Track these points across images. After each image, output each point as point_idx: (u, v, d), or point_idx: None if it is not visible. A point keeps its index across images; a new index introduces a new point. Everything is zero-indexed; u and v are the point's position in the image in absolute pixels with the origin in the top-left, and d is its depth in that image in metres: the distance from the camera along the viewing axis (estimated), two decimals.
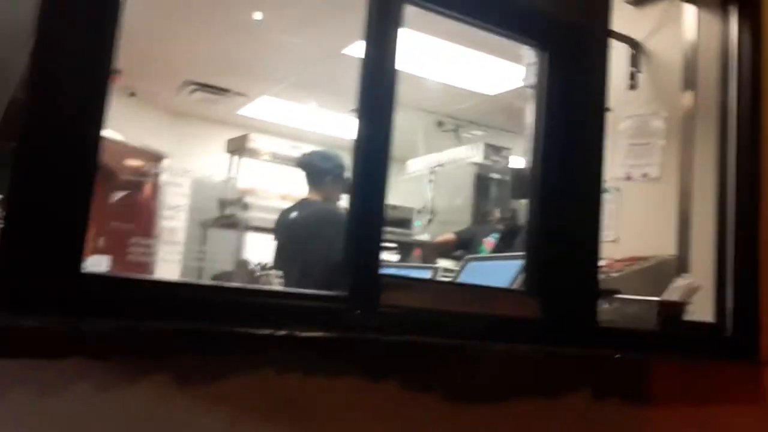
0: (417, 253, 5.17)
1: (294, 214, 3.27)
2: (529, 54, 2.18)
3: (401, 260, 5.06)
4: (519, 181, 2.85)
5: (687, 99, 2.61)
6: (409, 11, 1.70)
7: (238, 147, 5.03)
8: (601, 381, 1.87)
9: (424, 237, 5.48)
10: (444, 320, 1.63)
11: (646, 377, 1.99)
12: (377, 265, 1.55)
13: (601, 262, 2.84)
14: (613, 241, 2.97)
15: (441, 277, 3.20)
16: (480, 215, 5.14)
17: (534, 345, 1.76)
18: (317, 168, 3.16)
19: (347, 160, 5.84)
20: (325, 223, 3.00)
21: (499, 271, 2.38)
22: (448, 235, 4.85)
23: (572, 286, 1.88)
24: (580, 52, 1.92)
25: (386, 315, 1.52)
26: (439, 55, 4.85)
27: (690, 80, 2.60)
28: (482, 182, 5.36)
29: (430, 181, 5.67)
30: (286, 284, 2.89)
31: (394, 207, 5.29)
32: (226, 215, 4.73)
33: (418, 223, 5.39)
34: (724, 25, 2.41)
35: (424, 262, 4.96)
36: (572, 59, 1.90)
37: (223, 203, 4.89)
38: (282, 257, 3.15)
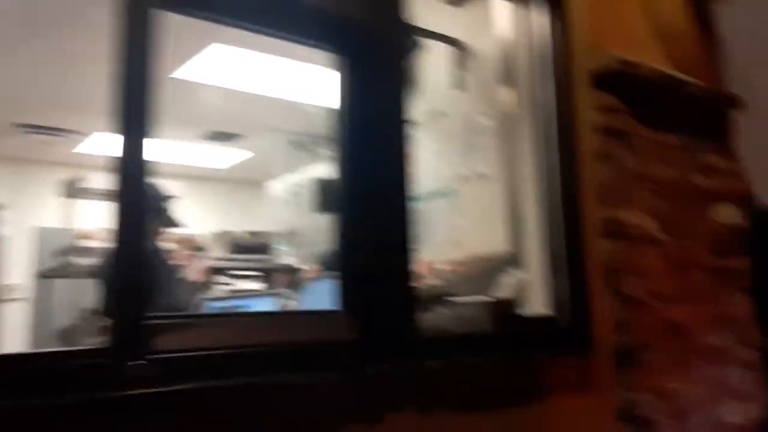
0: (281, 278, 4.97)
1: None
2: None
3: (264, 287, 4.85)
4: (324, 194, 2.73)
5: (508, 96, 2.59)
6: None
7: (71, 189, 4.65)
8: (426, 395, 1.76)
9: (292, 261, 5.30)
10: (235, 357, 1.45)
11: (476, 381, 1.90)
12: (143, 309, 1.35)
13: (442, 265, 2.80)
14: (451, 243, 2.92)
15: (288, 303, 3.04)
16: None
17: (348, 370, 1.62)
18: None
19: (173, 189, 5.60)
20: None
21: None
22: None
23: (388, 299, 1.76)
24: (379, 55, 1.82)
25: (157, 363, 1.33)
26: (285, 73, 4.70)
27: (509, 77, 2.57)
28: None
29: (289, 203, 5.49)
30: None
31: (253, 233, 5.08)
32: (65, 263, 4.36)
33: (277, 246, 5.20)
34: (534, 20, 2.41)
35: (291, 287, 4.78)
36: (370, 63, 1.80)
37: (61, 251, 4.50)
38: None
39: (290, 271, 5.16)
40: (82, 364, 1.28)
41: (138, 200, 1.41)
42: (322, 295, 2.44)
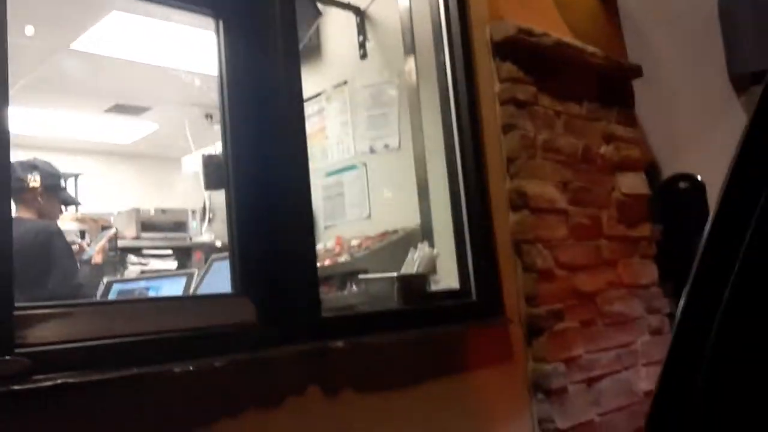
0: (198, 257, 4.81)
1: None
2: None
3: (180, 266, 4.67)
4: (212, 170, 2.63)
5: (409, 65, 2.54)
6: None
7: None
8: (330, 376, 1.71)
9: (206, 238, 5.13)
10: (117, 348, 1.35)
11: (385, 360, 1.87)
12: (9, 300, 1.24)
13: (354, 241, 2.75)
14: (366, 218, 2.88)
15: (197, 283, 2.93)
16: None
17: (246, 353, 1.55)
18: (20, 180, 2.71)
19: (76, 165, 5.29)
20: (40, 244, 2.59)
21: None
22: None
23: (288, 279, 1.69)
24: (258, 17, 1.71)
25: (28, 357, 1.22)
26: (189, 43, 4.50)
27: (409, 45, 2.52)
28: None
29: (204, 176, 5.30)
30: None
31: (164, 210, 4.88)
32: None
33: (191, 224, 5.02)
34: None
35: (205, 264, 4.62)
36: (249, 26, 1.69)
37: None
38: None
39: (203, 249, 5.00)
40: None
41: None
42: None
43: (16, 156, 3.15)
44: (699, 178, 2.87)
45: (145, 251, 4.87)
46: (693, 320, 0.66)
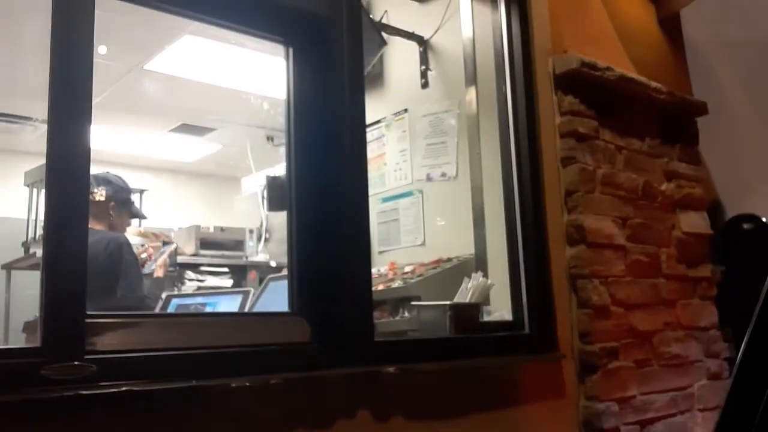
0: (252, 276, 4.90)
1: None
2: None
3: (235, 284, 4.77)
4: (275, 191, 2.69)
5: (470, 94, 2.56)
6: None
7: (36, 179, 4.55)
8: (382, 401, 1.73)
9: (262, 258, 5.23)
10: (177, 360, 1.40)
11: (435, 388, 1.87)
12: (82, 307, 1.30)
13: (407, 267, 2.77)
14: (421, 245, 2.89)
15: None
16: None
17: (300, 372, 1.58)
18: (94, 193, 2.84)
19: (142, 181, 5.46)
20: (109, 254, 2.69)
21: None
22: None
23: (343, 301, 1.72)
24: (326, 46, 1.77)
25: (96, 363, 1.28)
26: (258, 68, 4.65)
27: (471, 75, 2.55)
28: None
29: (264, 199, 5.41)
30: None
31: (223, 229, 4.99)
32: (30, 255, 4.25)
33: (248, 243, 5.12)
34: (496, 16, 2.38)
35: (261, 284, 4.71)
36: (318, 54, 1.75)
37: (27, 242, 4.39)
38: None
39: (258, 268, 5.09)
40: (16, 363, 1.23)
41: (78, 190, 1.35)
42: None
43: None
44: (764, 219, 2.79)
45: (203, 268, 4.99)
46: (753, 367, 0.65)
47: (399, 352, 1.82)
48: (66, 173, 1.35)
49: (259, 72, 4.55)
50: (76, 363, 1.25)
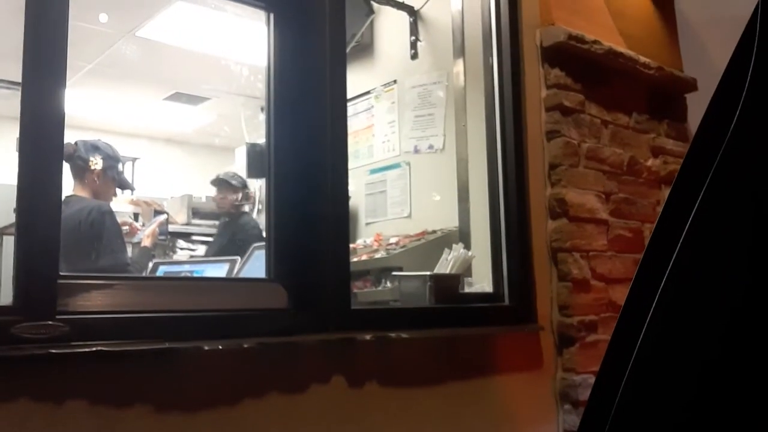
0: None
1: None
2: None
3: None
4: (255, 158, 2.69)
5: (458, 66, 2.55)
6: None
7: None
8: (357, 367, 1.75)
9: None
10: (151, 322, 1.42)
11: (411, 357, 1.89)
12: (55, 268, 1.32)
13: (392, 238, 2.78)
14: (407, 217, 2.90)
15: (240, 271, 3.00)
16: None
17: (274, 337, 1.60)
18: (82, 159, 2.84)
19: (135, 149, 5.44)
20: (91, 222, 2.69)
21: None
22: None
23: (321, 269, 1.73)
24: (308, 13, 1.75)
25: (67, 323, 1.29)
26: (250, 37, 4.61)
27: (459, 47, 2.53)
28: None
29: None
30: None
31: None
32: None
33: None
34: None
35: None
36: (299, 21, 1.74)
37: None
38: None
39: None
40: None
41: (51, 153, 1.35)
42: None
43: (79, 136, 3.31)
44: None
45: (195, 237, 5.01)
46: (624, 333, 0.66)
47: (375, 320, 1.83)
48: (40, 136, 1.35)
49: (251, 42, 4.53)
50: (48, 322, 1.27)
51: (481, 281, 2.34)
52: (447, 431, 1.93)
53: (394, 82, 2.93)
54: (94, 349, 1.30)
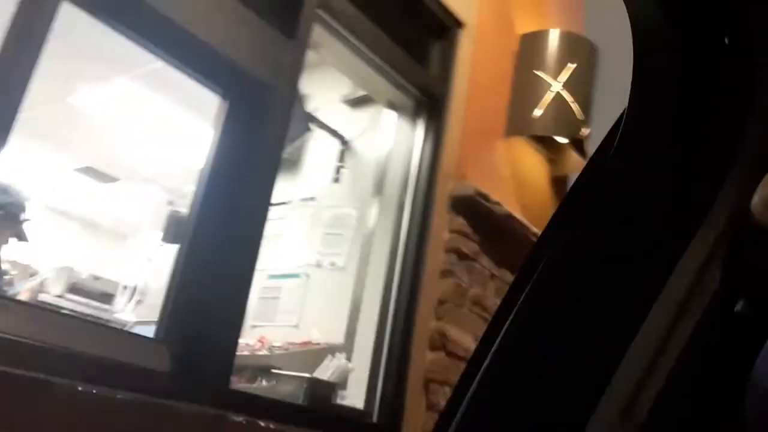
0: None
1: None
2: None
3: None
4: (173, 224, 2.76)
5: (375, 199, 2.77)
6: None
7: None
8: None
9: (126, 318, 5.04)
10: (30, 349, 1.41)
11: None
12: None
13: (277, 342, 2.82)
14: (293, 326, 2.96)
15: None
16: None
17: (151, 396, 1.60)
18: None
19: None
20: None
21: None
22: None
23: (209, 342, 1.78)
24: (262, 107, 1.94)
25: None
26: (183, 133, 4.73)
27: (379, 182, 2.76)
28: None
29: (149, 260, 5.31)
30: None
31: (97, 278, 4.84)
32: None
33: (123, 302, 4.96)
34: (413, 133, 2.65)
35: None
36: (253, 113, 1.91)
37: None
38: None
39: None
40: None
41: None
42: None
43: None
44: None
45: (64, 311, 4.75)
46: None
47: (251, 405, 1.86)
48: None
49: (183, 136, 4.63)
50: None
51: (354, 398, 2.41)
52: None
53: (312, 198, 3.10)
54: None
